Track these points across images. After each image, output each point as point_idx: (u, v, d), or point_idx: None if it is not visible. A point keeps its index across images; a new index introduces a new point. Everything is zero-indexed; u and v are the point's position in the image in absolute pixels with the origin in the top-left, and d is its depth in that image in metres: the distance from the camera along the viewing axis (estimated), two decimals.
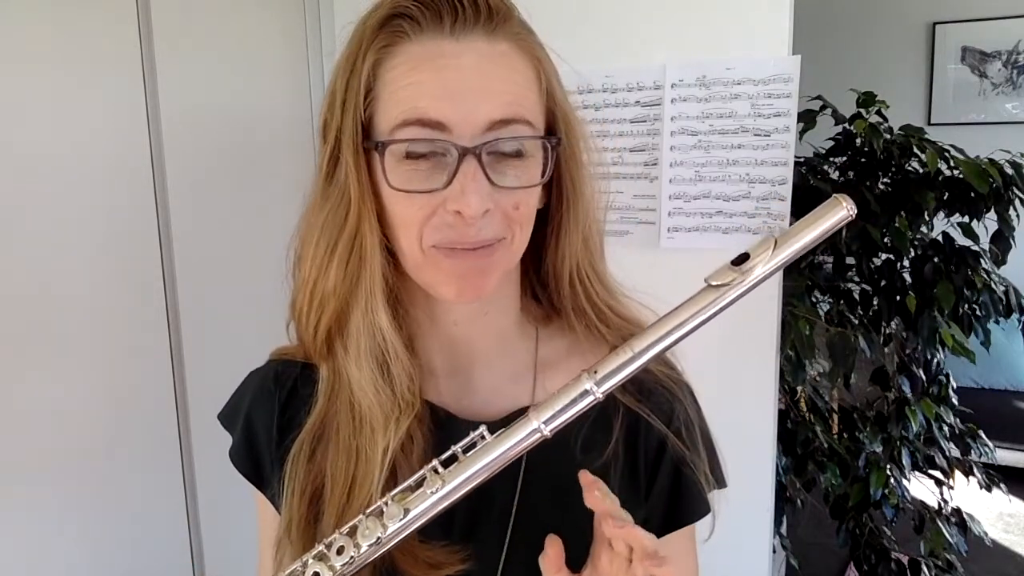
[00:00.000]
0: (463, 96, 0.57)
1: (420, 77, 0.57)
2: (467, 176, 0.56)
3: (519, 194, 0.60)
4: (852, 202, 0.52)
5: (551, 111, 0.63)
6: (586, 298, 0.69)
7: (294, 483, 0.66)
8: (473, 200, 0.56)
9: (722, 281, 0.53)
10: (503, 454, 0.55)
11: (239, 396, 0.76)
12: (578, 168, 0.66)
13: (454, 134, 0.57)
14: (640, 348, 0.54)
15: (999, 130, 3.63)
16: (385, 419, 0.63)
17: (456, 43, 0.57)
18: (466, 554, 0.63)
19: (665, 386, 0.71)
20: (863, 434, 2.07)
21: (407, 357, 0.65)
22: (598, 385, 0.54)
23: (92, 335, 1.25)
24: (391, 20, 0.59)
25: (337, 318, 0.65)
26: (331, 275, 0.63)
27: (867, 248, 1.94)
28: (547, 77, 0.63)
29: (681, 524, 0.70)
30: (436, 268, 0.61)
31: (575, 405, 0.54)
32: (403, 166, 0.58)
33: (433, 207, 0.58)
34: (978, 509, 2.34)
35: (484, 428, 0.57)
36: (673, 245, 1.50)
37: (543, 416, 0.55)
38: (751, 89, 1.40)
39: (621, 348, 0.55)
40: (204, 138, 1.44)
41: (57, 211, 1.19)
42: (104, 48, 1.26)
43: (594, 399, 0.55)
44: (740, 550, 1.51)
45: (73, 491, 1.23)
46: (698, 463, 0.69)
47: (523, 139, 0.59)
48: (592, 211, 0.68)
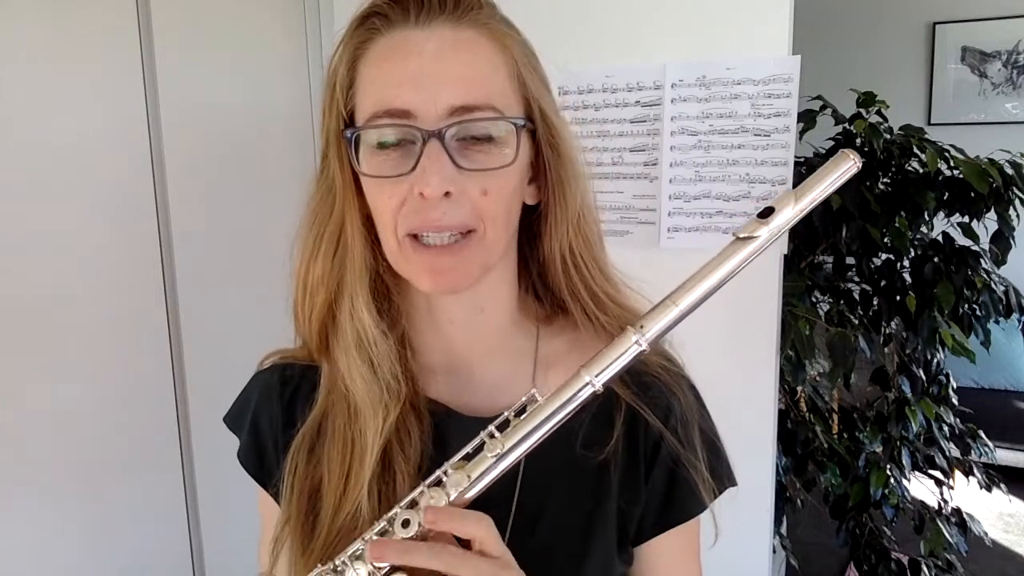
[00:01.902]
0: (424, 81, 0.58)
1: (387, 67, 0.60)
2: (430, 158, 0.58)
3: (487, 179, 0.60)
4: (858, 156, 0.56)
5: (525, 99, 0.64)
6: (582, 283, 0.69)
7: (293, 478, 0.67)
8: (433, 180, 0.57)
9: (750, 233, 0.56)
10: (556, 411, 0.56)
11: (245, 398, 0.77)
12: (559, 157, 0.66)
13: (418, 120, 0.58)
14: (681, 300, 0.57)
15: (999, 130, 3.63)
16: (374, 406, 0.65)
17: (421, 31, 0.60)
18: None
19: (663, 380, 0.71)
20: (863, 434, 2.07)
21: (389, 345, 0.66)
22: (644, 337, 0.56)
23: (92, 335, 1.25)
24: (367, 19, 0.62)
25: (328, 309, 0.67)
26: (318, 265, 0.66)
27: (867, 248, 1.94)
28: (518, 65, 0.63)
29: (672, 523, 0.70)
30: (411, 261, 0.62)
31: (623, 359, 0.56)
32: (376, 156, 0.61)
33: (403, 195, 0.60)
34: (978, 509, 2.34)
35: (535, 390, 0.58)
36: (673, 245, 1.50)
37: (593, 371, 0.56)
38: (751, 89, 1.40)
39: (663, 301, 0.57)
40: (204, 138, 1.44)
41: (57, 211, 1.19)
42: (104, 48, 1.26)
43: (640, 350, 0.56)
44: (740, 550, 1.51)
45: (73, 491, 1.23)
46: (694, 462, 0.69)
47: (486, 120, 0.60)
48: (582, 198, 0.68)
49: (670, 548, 0.71)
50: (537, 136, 0.65)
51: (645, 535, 0.70)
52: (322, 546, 0.65)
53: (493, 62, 0.61)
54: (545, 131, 0.65)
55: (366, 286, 0.65)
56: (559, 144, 0.66)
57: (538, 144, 0.65)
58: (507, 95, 0.62)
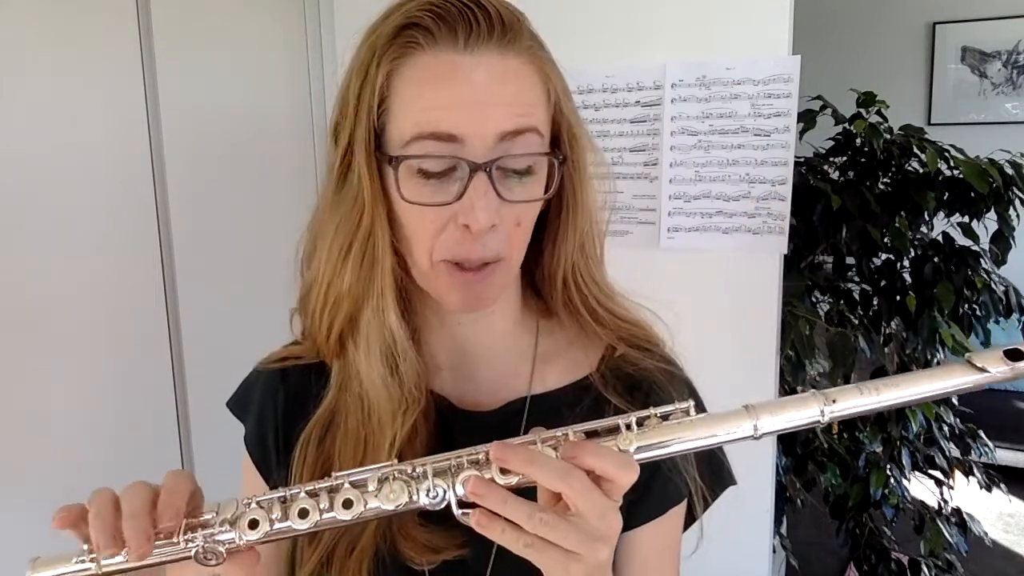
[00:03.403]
0: (476, 109, 0.58)
1: (435, 91, 0.58)
2: (478, 191, 0.58)
3: (522, 210, 0.61)
4: None
5: (557, 124, 0.64)
6: (580, 299, 0.70)
7: (302, 469, 0.68)
8: (482, 216, 0.58)
9: (984, 365, 0.52)
10: (701, 434, 0.54)
11: (248, 386, 0.78)
12: (581, 181, 0.67)
13: (466, 146, 0.58)
14: (883, 392, 0.53)
15: (999, 130, 3.63)
16: (393, 412, 0.65)
17: (470, 57, 0.58)
18: (465, 539, 0.64)
19: (658, 383, 0.71)
20: (863, 434, 2.07)
21: (415, 355, 0.67)
22: (828, 410, 0.53)
23: (92, 335, 1.25)
24: (405, 30, 0.60)
25: (350, 318, 0.67)
26: (346, 276, 0.64)
27: (867, 248, 1.94)
28: (556, 92, 0.64)
29: (644, 519, 0.70)
30: (440, 281, 0.63)
31: (794, 419, 0.53)
32: (416, 179, 0.60)
33: (444, 221, 0.60)
34: (978, 509, 2.34)
35: (691, 403, 0.56)
36: (673, 245, 1.50)
37: (759, 415, 0.53)
38: (751, 89, 1.40)
39: (865, 384, 0.54)
40: (204, 138, 1.44)
41: (57, 211, 1.19)
42: (104, 48, 1.26)
43: (817, 422, 0.53)
44: (740, 550, 1.51)
45: (73, 491, 1.22)
46: (680, 463, 0.69)
47: (533, 155, 0.60)
48: (591, 220, 0.69)
49: (647, 541, 0.71)
50: (566, 164, 0.65)
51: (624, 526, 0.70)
52: (330, 533, 0.65)
53: (536, 91, 0.62)
54: (572, 156, 0.66)
55: (395, 298, 0.65)
56: (583, 172, 0.67)
57: (564, 170, 0.66)
58: (546, 120, 0.63)
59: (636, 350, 0.72)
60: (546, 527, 0.50)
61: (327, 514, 0.52)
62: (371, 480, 0.53)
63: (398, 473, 0.54)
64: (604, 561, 0.53)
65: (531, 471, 0.51)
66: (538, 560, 0.51)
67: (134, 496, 0.53)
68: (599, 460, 0.51)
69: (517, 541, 0.50)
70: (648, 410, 0.55)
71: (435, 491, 0.52)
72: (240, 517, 0.53)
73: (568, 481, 0.50)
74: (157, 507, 0.53)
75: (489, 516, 0.51)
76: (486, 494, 0.51)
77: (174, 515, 0.52)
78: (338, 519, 0.52)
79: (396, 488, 0.53)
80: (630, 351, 0.72)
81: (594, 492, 0.51)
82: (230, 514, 0.53)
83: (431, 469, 0.53)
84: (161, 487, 0.54)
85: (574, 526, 0.50)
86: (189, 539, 0.52)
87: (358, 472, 0.54)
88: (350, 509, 0.52)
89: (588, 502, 0.50)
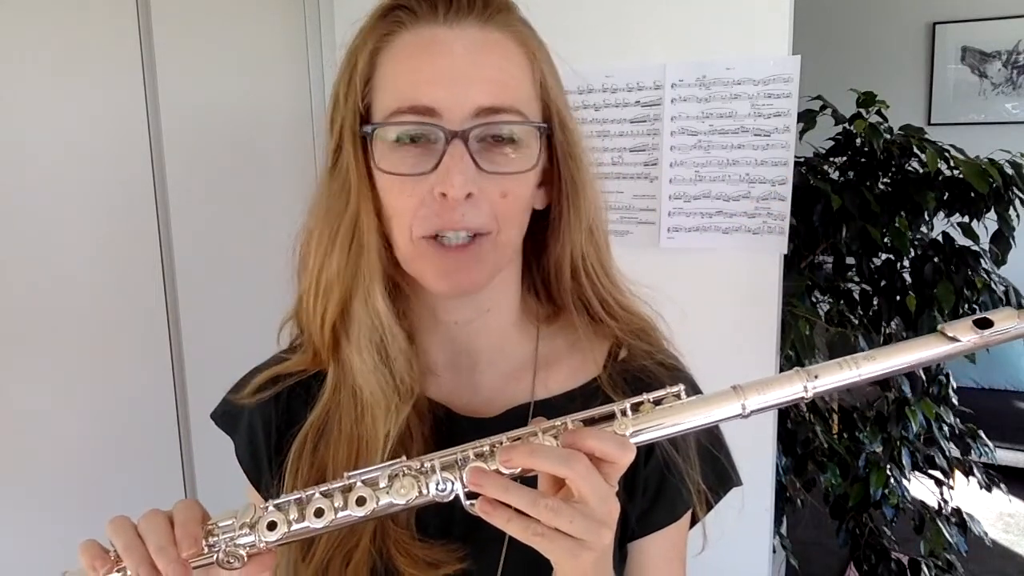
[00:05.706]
0: (453, 81, 0.58)
1: (413, 64, 0.59)
2: (454, 158, 0.57)
3: (506, 182, 0.60)
4: None
5: (546, 104, 0.64)
6: (592, 291, 0.69)
7: (295, 478, 0.66)
8: (457, 180, 0.57)
9: (955, 334, 0.54)
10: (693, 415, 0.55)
11: (235, 397, 0.76)
12: (576, 163, 0.66)
13: (444, 119, 0.58)
14: (863, 366, 0.54)
15: (999, 130, 3.63)
16: (386, 405, 0.64)
17: (449, 30, 0.59)
18: (465, 553, 0.63)
19: (661, 382, 0.70)
20: (863, 434, 2.07)
21: (405, 341, 0.66)
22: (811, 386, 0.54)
23: (92, 335, 1.25)
24: (391, 12, 0.61)
25: (341, 307, 0.66)
26: (334, 261, 0.64)
27: (867, 248, 1.94)
28: (542, 70, 0.63)
29: (659, 525, 0.70)
30: (424, 261, 0.62)
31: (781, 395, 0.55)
32: (394, 152, 0.60)
33: (421, 195, 0.59)
34: (978, 509, 2.34)
35: (681, 388, 0.56)
36: (673, 245, 1.50)
37: (746, 395, 0.54)
38: (751, 89, 1.40)
39: (845, 360, 0.55)
40: (204, 138, 1.44)
41: (57, 211, 1.19)
42: (104, 48, 1.26)
43: (802, 397, 0.55)
44: (740, 550, 1.51)
45: (73, 491, 1.22)
46: (683, 465, 0.68)
47: (512, 124, 0.60)
48: (596, 206, 0.68)
49: (656, 549, 0.71)
50: (554, 141, 0.65)
51: (634, 534, 0.70)
52: (324, 549, 0.64)
53: (520, 65, 0.61)
54: (563, 137, 0.65)
55: (381, 281, 0.64)
56: (576, 150, 0.66)
57: (554, 149, 0.65)
58: (531, 99, 0.62)
59: (642, 348, 0.71)
60: (551, 512, 0.50)
61: (342, 512, 0.53)
62: (382, 477, 0.54)
63: (407, 469, 0.55)
64: (607, 547, 0.53)
65: (535, 462, 0.52)
66: (548, 549, 0.51)
67: (156, 527, 0.55)
68: (599, 442, 0.52)
69: (526, 530, 0.51)
70: (641, 396, 0.56)
71: (443, 484, 0.53)
72: (259, 520, 0.54)
73: (571, 465, 0.51)
74: (176, 538, 0.54)
75: (492, 503, 0.51)
76: (486, 483, 0.51)
77: (193, 543, 0.53)
78: (352, 516, 0.53)
79: (406, 483, 0.54)
80: (636, 346, 0.71)
81: (596, 475, 0.51)
82: (249, 518, 0.55)
83: (439, 463, 0.54)
84: (175, 518, 0.55)
85: (579, 511, 0.50)
86: (211, 544, 0.54)
87: (369, 471, 0.55)
88: (363, 506, 0.53)
89: (590, 485, 0.51)
